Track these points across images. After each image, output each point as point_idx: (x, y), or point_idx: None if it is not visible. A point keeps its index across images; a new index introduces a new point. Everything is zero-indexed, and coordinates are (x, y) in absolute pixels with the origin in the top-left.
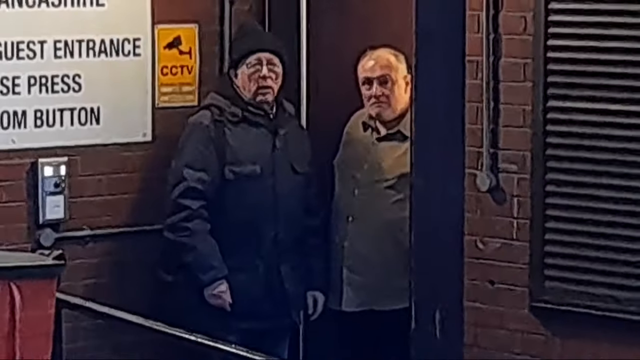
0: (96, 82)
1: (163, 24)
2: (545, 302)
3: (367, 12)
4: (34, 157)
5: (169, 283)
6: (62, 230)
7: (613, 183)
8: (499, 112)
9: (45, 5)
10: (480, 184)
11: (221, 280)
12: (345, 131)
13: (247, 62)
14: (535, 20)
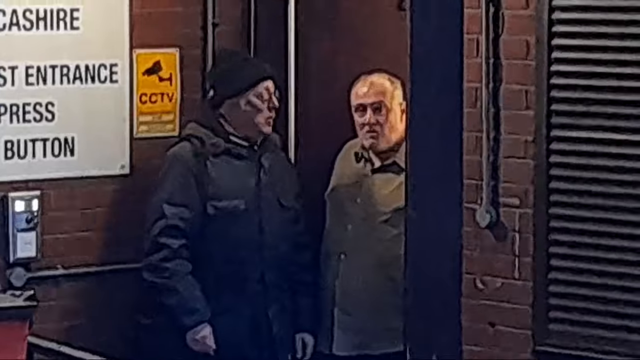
0: (71, 110)
1: (142, 49)
2: (550, 346)
3: (361, 35)
4: (4, 191)
5: (148, 326)
6: (34, 270)
7: (622, 218)
8: (500, 142)
9: (17, 28)
10: (480, 219)
11: (204, 324)
12: (336, 162)
13: (255, 92)
14: (538, 44)
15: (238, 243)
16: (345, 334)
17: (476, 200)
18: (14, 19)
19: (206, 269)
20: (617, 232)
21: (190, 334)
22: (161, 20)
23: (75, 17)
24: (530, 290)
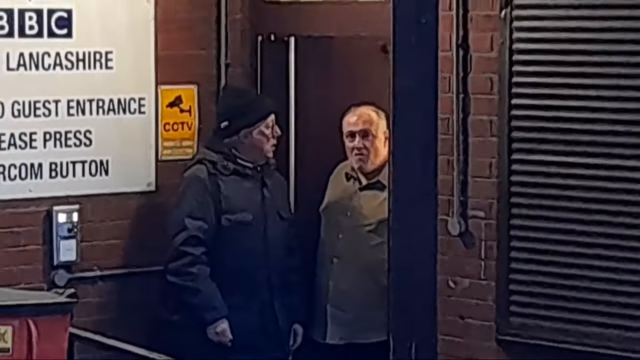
0: (105, 137)
1: (165, 85)
2: (511, 335)
3: (350, 73)
4: (49, 205)
5: (173, 322)
6: (74, 271)
7: (573, 228)
8: (468, 164)
9: (60, 68)
10: (451, 228)
11: (222, 319)
12: (330, 181)
13: (266, 123)
14: (500, 82)
15: (247, 249)
16: (337, 326)
17: (448, 213)
18: (57, 60)
19: (221, 271)
20: (568, 240)
21: (211, 329)
22: (182, 61)
23: (109, 58)
24: (494, 289)
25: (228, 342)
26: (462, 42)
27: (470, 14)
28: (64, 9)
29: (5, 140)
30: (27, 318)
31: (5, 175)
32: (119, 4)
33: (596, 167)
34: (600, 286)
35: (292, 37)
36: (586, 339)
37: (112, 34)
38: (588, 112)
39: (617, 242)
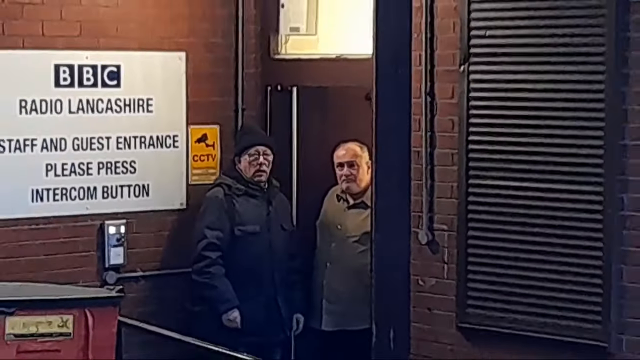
0: (147, 166)
1: (194, 125)
2: (468, 323)
3: (340, 116)
4: (102, 220)
5: (196, 312)
6: (121, 272)
7: (517, 238)
8: (434, 187)
9: (111, 111)
10: (421, 238)
11: (234, 309)
12: (324, 201)
13: (248, 153)
14: (459, 122)
15: (255, 254)
16: (330, 316)
17: (418, 226)
18: (108, 105)
19: (234, 271)
20: (513, 247)
21: (225, 316)
22: (207, 106)
23: (149, 104)
24: (455, 287)
25: (238, 327)
26: (430, 91)
27: (436, 69)
28: (114, 64)
29: (67, 169)
30: (85, 309)
31: (67, 196)
32: (157, 60)
33: (535, 190)
34: (540, 284)
35: (294, 87)
36: (528, 325)
37: (152, 85)
38: (528, 146)
39: (554, 249)
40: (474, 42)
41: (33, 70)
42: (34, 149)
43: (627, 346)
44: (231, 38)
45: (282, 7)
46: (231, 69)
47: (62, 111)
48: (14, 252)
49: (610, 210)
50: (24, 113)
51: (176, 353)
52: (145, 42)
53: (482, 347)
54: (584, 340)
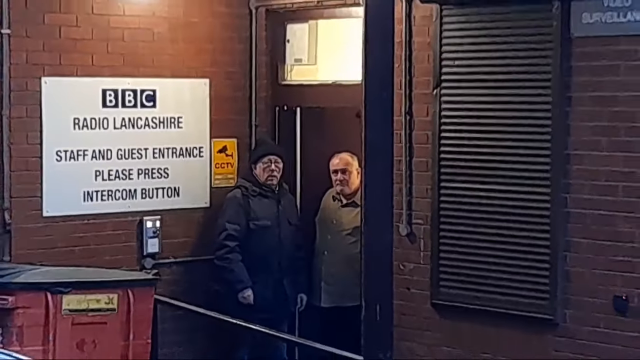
0: (178, 172)
1: (216, 138)
2: (440, 300)
3: (335, 131)
4: (141, 216)
5: (217, 291)
6: (157, 259)
7: (481, 230)
8: (412, 190)
9: (148, 127)
10: (402, 231)
11: (248, 288)
12: (322, 201)
13: (262, 160)
14: (433, 136)
15: (267, 244)
16: (327, 295)
17: (400, 221)
18: (146, 122)
19: (249, 258)
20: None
21: (240, 294)
22: (227, 123)
23: (180, 121)
24: (429, 270)
25: (251, 303)
26: (408, 110)
27: (414, 92)
28: (151, 89)
29: (112, 174)
30: (127, 289)
31: (113, 197)
32: (186, 86)
33: (495, 191)
34: (499, 268)
35: (298, 108)
36: (489, 302)
37: (182, 105)
38: (489, 155)
39: (510, 239)
40: (445, 71)
41: (84, 94)
42: (85, 158)
43: (570, 319)
44: (246, 67)
45: (288, 42)
46: (246, 93)
47: (108, 127)
48: (70, 242)
49: (556, 208)
50: (77, 129)
51: (201, 324)
52: (176, 71)
53: (452, 320)
54: (534, 314)
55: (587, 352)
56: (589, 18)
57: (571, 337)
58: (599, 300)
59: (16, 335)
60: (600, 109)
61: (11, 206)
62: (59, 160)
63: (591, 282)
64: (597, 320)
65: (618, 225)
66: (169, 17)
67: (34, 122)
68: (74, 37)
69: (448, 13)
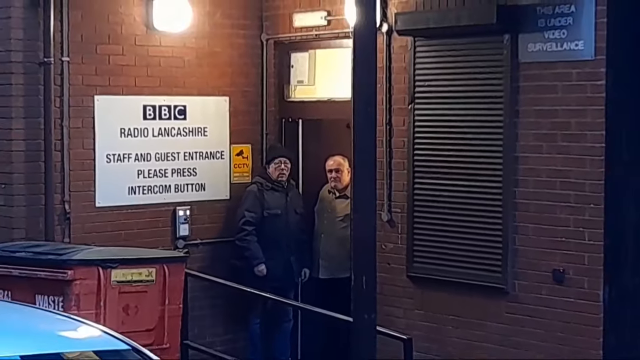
0: (204, 171)
1: (235, 144)
2: (414, 273)
3: (330, 139)
4: (174, 207)
5: (237, 266)
6: (187, 240)
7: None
8: (392, 185)
9: (180, 135)
10: (383, 217)
11: (261, 263)
12: (319, 194)
13: (274, 162)
14: (408, 142)
15: (277, 229)
16: (324, 269)
17: (382, 209)
18: (179, 131)
19: (263, 240)
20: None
21: (256, 269)
22: (243, 132)
23: (205, 130)
24: (405, 249)
25: (264, 275)
26: (389, 121)
27: (393, 107)
28: (182, 104)
29: (151, 173)
30: (163, 264)
31: (152, 191)
32: (210, 102)
33: (458, 186)
34: (461, 247)
35: (300, 119)
36: (454, 274)
37: (207, 118)
38: (453, 157)
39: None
40: (417, 90)
41: (129, 109)
42: (130, 160)
43: (518, 287)
44: (259, 87)
45: (292, 67)
46: (259, 108)
47: (148, 135)
48: (117, 227)
49: (506, 199)
50: (123, 137)
51: (222, 293)
52: (202, 90)
53: (423, 289)
54: (490, 284)
55: (532, 314)
56: (533, 47)
57: (519, 303)
58: (541, 273)
59: (74, 301)
60: (542, 120)
61: (70, 199)
62: (108, 161)
63: (535, 258)
64: (540, 288)
65: (556, 213)
66: (196, 47)
67: (89, 131)
68: (121, 63)
69: (420, 44)
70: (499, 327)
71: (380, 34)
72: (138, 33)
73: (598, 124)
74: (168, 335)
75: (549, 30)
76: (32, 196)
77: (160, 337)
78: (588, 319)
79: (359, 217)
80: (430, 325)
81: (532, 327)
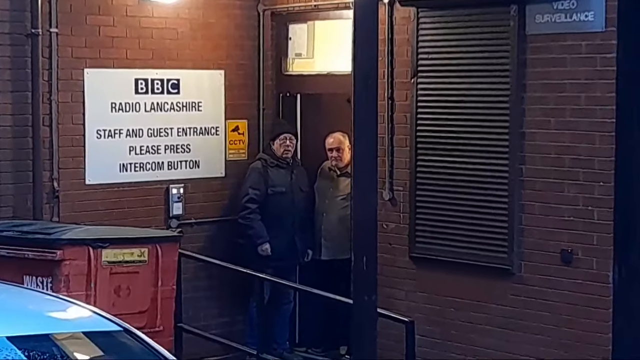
0: (198, 148)
1: (230, 119)
2: (416, 253)
3: (330, 113)
4: (167, 184)
5: (240, 244)
6: (181, 220)
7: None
8: (393, 162)
9: (173, 110)
10: (385, 196)
11: (266, 242)
12: (319, 170)
13: (279, 138)
14: (410, 117)
15: (282, 207)
16: (326, 250)
17: (383, 188)
18: (172, 106)
19: (267, 218)
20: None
21: (259, 248)
22: (239, 107)
23: (200, 105)
24: (407, 229)
25: (269, 254)
26: (390, 96)
27: (395, 80)
28: (175, 78)
29: (144, 149)
30: (156, 244)
31: (144, 168)
32: (205, 76)
33: (462, 162)
34: (465, 226)
35: (298, 94)
36: (457, 255)
37: (202, 92)
38: (457, 133)
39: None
40: (421, 63)
41: (120, 83)
42: (121, 136)
43: (524, 268)
44: (255, 60)
45: (290, 39)
46: (255, 82)
47: (140, 110)
48: (108, 206)
49: (513, 176)
50: (114, 112)
51: (216, 274)
52: (197, 63)
53: (426, 270)
54: (495, 265)
55: (538, 296)
56: (540, 18)
57: (525, 284)
58: (548, 253)
59: (64, 282)
60: (550, 94)
61: (59, 176)
62: (98, 137)
63: (542, 238)
64: (547, 269)
65: (564, 191)
66: (190, 18)
67: (78, 106)
68: (111, 35)
69: (424, 15)
70: (504, 309)
71: (382, 5)
72: (129, 3)
73: (608, 99)
74: (161, 318)
75: (558, 0)
76: (19, 173)
77: (153, 319)
78: (597, 301)
79: (359, 195)
80: (432, 308)
81: (539, 309)
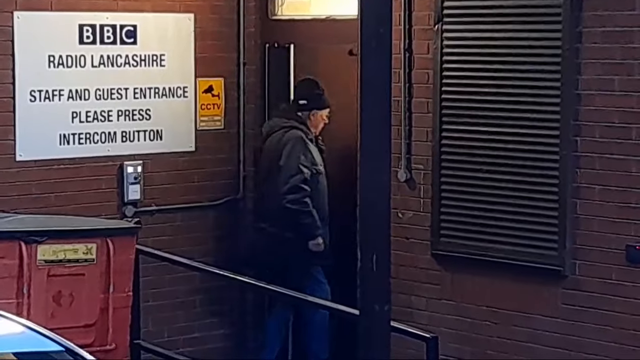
0: (160, 114)
1: (202, 77)
2: (440, 250)
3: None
4: (121, 161)
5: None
6: (138, 207)
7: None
8: (411, 132)
9: (128, 66)
10: (400, 177)
11: (320, 236)
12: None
13: (326, 110)
14: (434, 75)
15: (322, 191)
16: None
17: (398, 166)
18: (126, 60)
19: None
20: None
21: (314, 241)
22: (213, 61)
23: (162, 59)
24: (429, 218)
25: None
26: (408, 47)
27: (413, 28)
28: (131, 24)
29: (90, 116)
30: (107, 238)
31: (91, 140)
32: (169, 21)
33: (499, 134)
34: (504, 216)
35: (291, 45)
36: (494, 252)
37: (165, 42)
38: (494, 95)
39: (516, 185)
40: (447, 4)
41: (60, 29)
42: (61, 99)
43: (580, 270)
44: (234, 1)
45: None
46: (234, 29)
47: (85, 65)
48: (45, 189)
49: (565, 152)
50: (52, 67)
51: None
52: (159, 4)
53: (453, 272)
54: (542, 265)
55: (597, 305)
56: None
57: (580, 290)
58: (610, 250)
59: None
60: (613, 45)
61: None
62: (32, 100)
63: (602, 231)
64: (609, 271)
65: (631, 170)
66: None
67: (6, 59)
68: None
69: None
70: (553, 322)
71: None
72: None
73: None
74: (113, 333)
75: None
76: None
77: (103, 335)
78: None
79: (367, 176)
80: (461, 320)
81: (597, 322)
